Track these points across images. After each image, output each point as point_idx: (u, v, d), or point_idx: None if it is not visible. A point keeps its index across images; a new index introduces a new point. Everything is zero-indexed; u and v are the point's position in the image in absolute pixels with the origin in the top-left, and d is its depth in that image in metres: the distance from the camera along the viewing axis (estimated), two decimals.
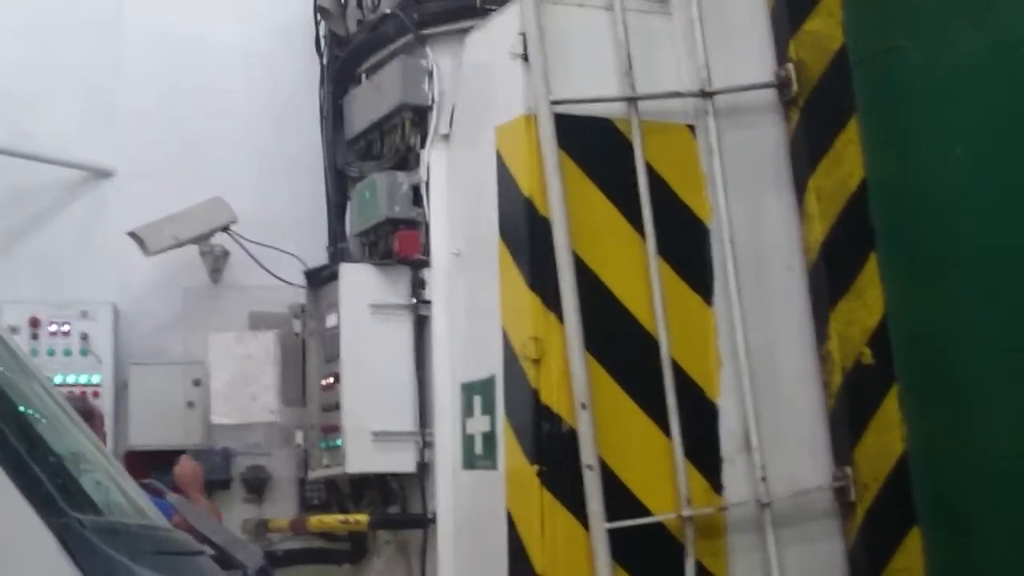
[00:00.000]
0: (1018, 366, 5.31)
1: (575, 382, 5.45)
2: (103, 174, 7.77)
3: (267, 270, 7.44)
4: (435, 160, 6.48)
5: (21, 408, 3.10)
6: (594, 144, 5.76)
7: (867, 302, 5.84)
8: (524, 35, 5.74)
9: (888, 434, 5.77)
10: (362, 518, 6.92)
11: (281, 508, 7.47)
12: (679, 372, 5.62)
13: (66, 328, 7.46)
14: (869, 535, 5.71)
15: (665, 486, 5.55)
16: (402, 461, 6.74)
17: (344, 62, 7.49)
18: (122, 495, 3.35)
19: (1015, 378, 5.33)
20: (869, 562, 5.70)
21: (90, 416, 6.53)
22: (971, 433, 5.53)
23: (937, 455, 5.68)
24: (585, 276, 5.58)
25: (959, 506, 5.60)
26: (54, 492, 2.80)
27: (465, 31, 6.39)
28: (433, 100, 6.60)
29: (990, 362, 5.43)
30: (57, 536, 2.73)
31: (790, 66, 5.98)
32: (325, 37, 7.74)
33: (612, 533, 5.37)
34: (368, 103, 7.11)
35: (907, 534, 5.71)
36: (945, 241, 5.61)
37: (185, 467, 6.83)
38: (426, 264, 6.61)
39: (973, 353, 5.50)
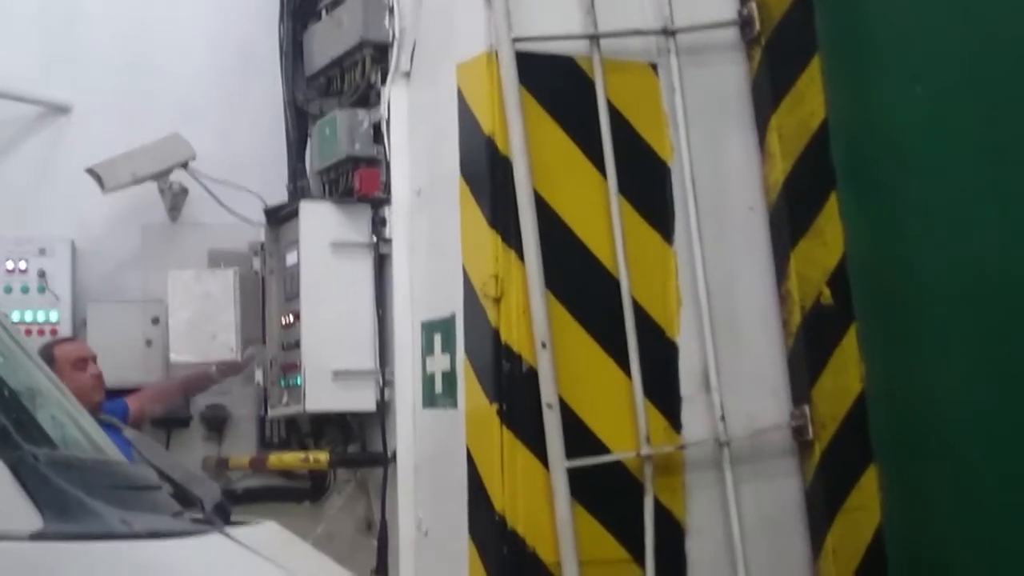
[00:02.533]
0: (975, 305, 5.35)
1: (535, 321, 5.45)
2: (61, 110, 7.68)
3: (226, 208, 7.39)
4: (396, 97, 6.43)
5: None
6: (556, 82, 5.73)
7: (827, 241, 5.85)
8: None
9: (846, 373, 5.80)
10: (322, 456, 6.93)
11: (241, 446, 7.46)
12: (639, 311, 5.63)
13: (23, 265, 7.40)
14: (826, 473, 5.75)
15: (625, 425, 5.57)
16: (362, 399, 6.74)
17: None
18: (78, 430, 3.33)
19: (971, 317, 5.37)
20: (826, 500, 5.75)
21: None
22: (928, 372, 5.57)
23: (894, 394, 5.72)
24: (546, 215, 5.57)
25: (915, 445, 5.64)
26: (9, 426, 2.79)
27: None
28: (394, 37, 6.50)
29: (948, 301, 5.46)
30: (11, 469, 2.72)
31: (752, 4, 5.95)
32: None
33: (571, 471, 5.38)
34: (328, 39, 7.05)
35: (864, 472, 5.76)
36: (905, 181, 5.63)
37: None
38: (387, 202, 6.57)
39: (931, 292, 5.53)
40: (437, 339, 5.94)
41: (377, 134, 6.68)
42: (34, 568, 2.69)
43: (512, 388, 5.50)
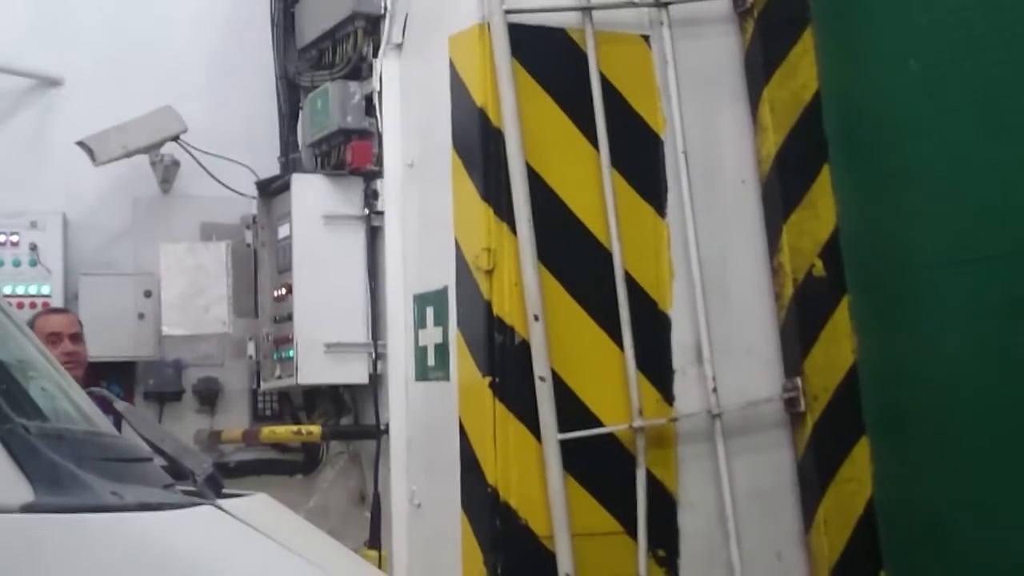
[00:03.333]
0: (967, 277, 5.35)
1: (528, 293, 5.44)
2: (52, 83, 7.67)
3: (218, 180, 7.39)
4: (388, 70, 6.40)
5: None
6: (548, 54, 5.70)
7: (819, 214, 5.84)
8: None
9: (838, 345, 5.80)
10: (315, 429, 6.95)
11: (233, 419, 7.48)
12: (632, 284, 5.63)
13: (15, 238, 7.41)
14: (818, 445, 5.75)
15: (617, 397, 5.56)
16: (354, 372, 6.76)
17: None
18: (69, 402, 3.32)
19: (963, 289, 5.37)
20: (818, 472, 5.75)
21: None
22: (920, 344, 5.57)
23: (886, 366, 5.72)
24: (538, 187, 5.55)
25: (907, 416, 5.65)
26: None
27: None
28: (386, 8, 6.49)
29: (939, 273, 5.46)
30: (2, 441, 2.71)
31: None
32: None
33: (564, 444, 5.38)
34: (320, 11, 7.04)
35: (855, 444, 5.76)
36: (897, 153, 5.62)
37: None
38: (379, 175, 6.57)
39: (923, 264, 5.53)
40: (429, 312, 5.93)
41: (369, 106, 6.68)
42: (25, 540, 2.69)
43: (504, 361, 5.50)
